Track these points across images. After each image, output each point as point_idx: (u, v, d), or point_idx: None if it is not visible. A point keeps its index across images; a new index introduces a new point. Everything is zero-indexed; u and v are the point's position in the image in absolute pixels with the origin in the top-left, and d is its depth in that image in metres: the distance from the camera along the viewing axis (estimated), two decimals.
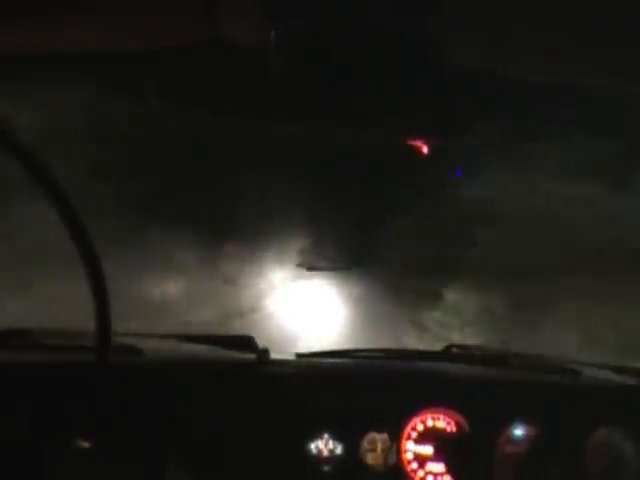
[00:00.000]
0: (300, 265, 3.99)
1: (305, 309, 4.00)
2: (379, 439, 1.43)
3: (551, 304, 3.78)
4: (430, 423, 1.47)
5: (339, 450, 1.42)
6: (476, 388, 1.56)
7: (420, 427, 1.47)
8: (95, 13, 0.91)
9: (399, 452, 1.44)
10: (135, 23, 0.93)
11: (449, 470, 1.45)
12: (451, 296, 4.01)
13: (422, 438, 1.46)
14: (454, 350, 1.71)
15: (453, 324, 3.93)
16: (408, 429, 1.46)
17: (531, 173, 3.65)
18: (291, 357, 1.65)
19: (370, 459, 1.43)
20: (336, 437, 1.42)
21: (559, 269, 3.71)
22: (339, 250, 4.05)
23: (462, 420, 1.46)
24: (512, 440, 1.45)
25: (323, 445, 1.42)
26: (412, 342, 3.74)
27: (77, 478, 1.29)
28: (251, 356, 1.56)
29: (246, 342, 1.59)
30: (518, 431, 1.45)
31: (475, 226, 3.89)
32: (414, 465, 1.45)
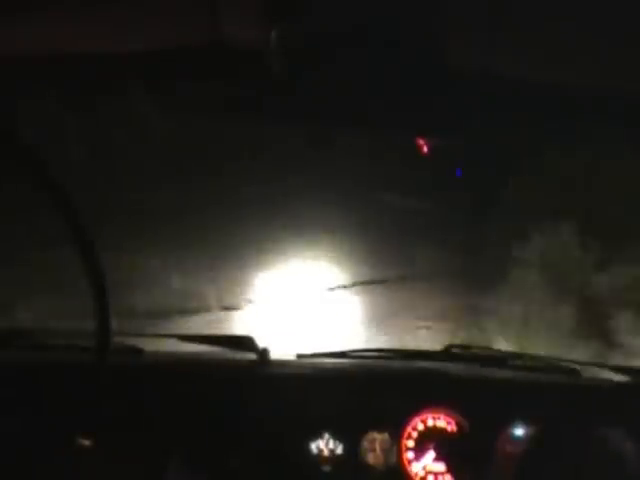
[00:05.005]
0: None
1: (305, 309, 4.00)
2: (379, 439, 1.43)
3: None
4: (430, 423, 1.47)
5: (339, 450, 1.42)
6: (476, 388, 1.56)
7: (420, 427, 1.47)
8: (96, 13, 0.91)
9: (399, 452, 1.43)
10: (136, 24, 0.93)
11: (449, 470, 1.45)
12: None
13: (422, 438, 1.46)
14: (454, 350, 1.71)
15: None
16: (408, 429, 1.45)
17: None
18: (291, 357, 1.65)
19: (370, 459, 1.43)
20: (336, 437, 1.42)
21: None
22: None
23: (462, 420, 1.46)
24: (512, 440, 1.44)
25: (323, 445, 1.42)
26: (412, 342, 3.74)
27: (77, 478, 1.29)
28: (251, 356, 1.56)
29: (246, 342, 1.59)
30: (518, 431, 1.45)
31: None
32: (414, 465, 1.44)
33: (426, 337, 3.81)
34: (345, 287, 4.15)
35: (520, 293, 3.99)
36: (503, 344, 3.69)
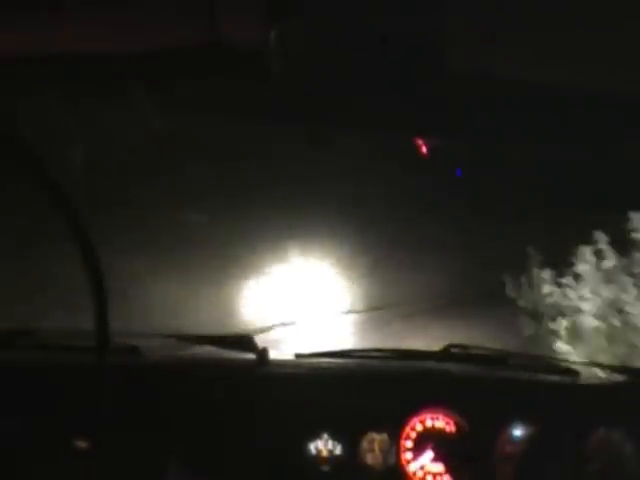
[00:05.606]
0: None
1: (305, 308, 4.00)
2: (378, 439, 1.43)
3: None
4: (429, 423, 1.47)
5: (338, 450, 1.42)
6: (476, 388, 1.56)
7: (419, 427, 1.46)
8: (94, 13, 0.91)
9: (398, 452, 1.43)
10: (134, 23, 0.94)
11: (448, 470, 1.44)
12: None
13: (421, 438, 1.46)
14: (454, 350, 1.71)
15: None
16: (407, 429, 1.45)
17: None
18: (290, 357, 1.65)
19: (369, 459, 1.42)
20: (335, 437, 1.42)
21: None
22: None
23: (462, 420, 1.46)
24: (512, 440, 1.44)
25: (322, 445, 1.41)
26: (412, 342, 3.74)
27: (77, 478, 1.29)
28: (251, 356, 1.56)
29: (246, 342, 1.59)
30: (518, 431, 1.45)
31: None
32: (413, 465, 1.44)
33: (426, 337, 3.81)
34: (344, 286, 4.15)
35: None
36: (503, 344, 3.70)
